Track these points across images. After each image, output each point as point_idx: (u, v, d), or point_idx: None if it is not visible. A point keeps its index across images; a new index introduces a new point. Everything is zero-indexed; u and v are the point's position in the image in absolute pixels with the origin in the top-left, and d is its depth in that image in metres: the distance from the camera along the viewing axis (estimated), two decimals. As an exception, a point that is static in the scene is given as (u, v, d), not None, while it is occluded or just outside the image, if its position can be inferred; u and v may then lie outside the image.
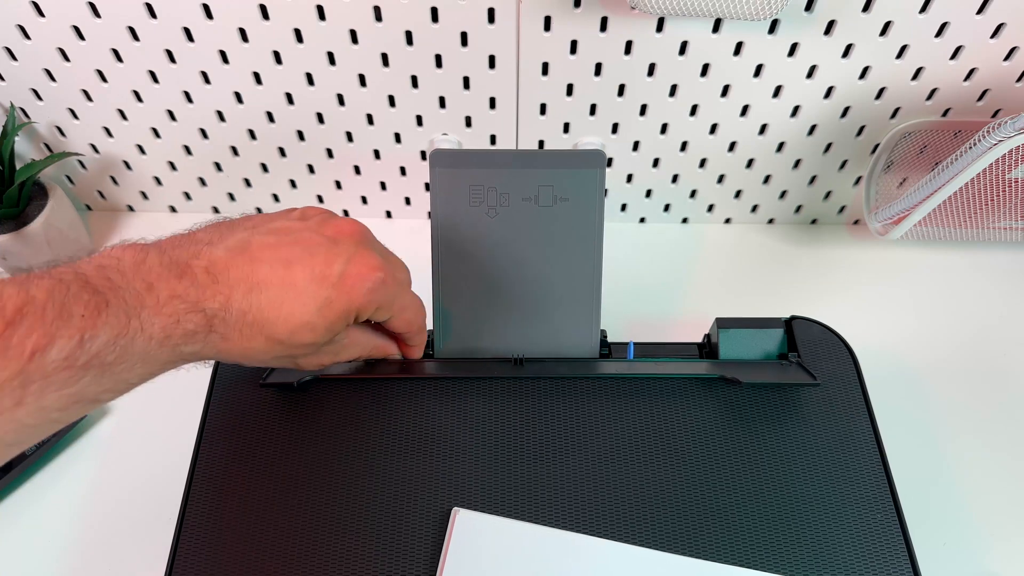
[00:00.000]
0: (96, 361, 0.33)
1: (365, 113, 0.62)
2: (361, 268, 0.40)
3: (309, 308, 0.38)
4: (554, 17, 0.54)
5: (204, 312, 0.36)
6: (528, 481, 0.46)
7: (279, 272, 0.38)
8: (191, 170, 0.68)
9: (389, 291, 0.42)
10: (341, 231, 0.41)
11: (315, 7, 0.54)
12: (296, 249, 0.39)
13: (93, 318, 0.32)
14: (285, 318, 0.38)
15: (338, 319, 0.40)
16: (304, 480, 0.45)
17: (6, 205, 0.61)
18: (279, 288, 0.38)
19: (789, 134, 0.63)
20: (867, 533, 0.44)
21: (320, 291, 0.39)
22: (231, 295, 0.37)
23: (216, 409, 0.48)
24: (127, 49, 0.58)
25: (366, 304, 0.40)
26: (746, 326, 0.51)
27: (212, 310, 0.37)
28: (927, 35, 0.55)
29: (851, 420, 0.48)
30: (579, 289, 0.50)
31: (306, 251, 0.39)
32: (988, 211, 0.60)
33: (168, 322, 0.35)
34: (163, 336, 0.35)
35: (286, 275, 0.38)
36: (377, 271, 0.40)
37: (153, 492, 0.53)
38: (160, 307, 0.35)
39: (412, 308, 0.45)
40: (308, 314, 0.39)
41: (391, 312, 0.43)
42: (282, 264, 0.38)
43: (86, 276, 0.34)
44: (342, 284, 0.39)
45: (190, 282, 0.36)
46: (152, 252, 0.36)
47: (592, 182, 0.49)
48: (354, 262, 0.40)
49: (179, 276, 0.36)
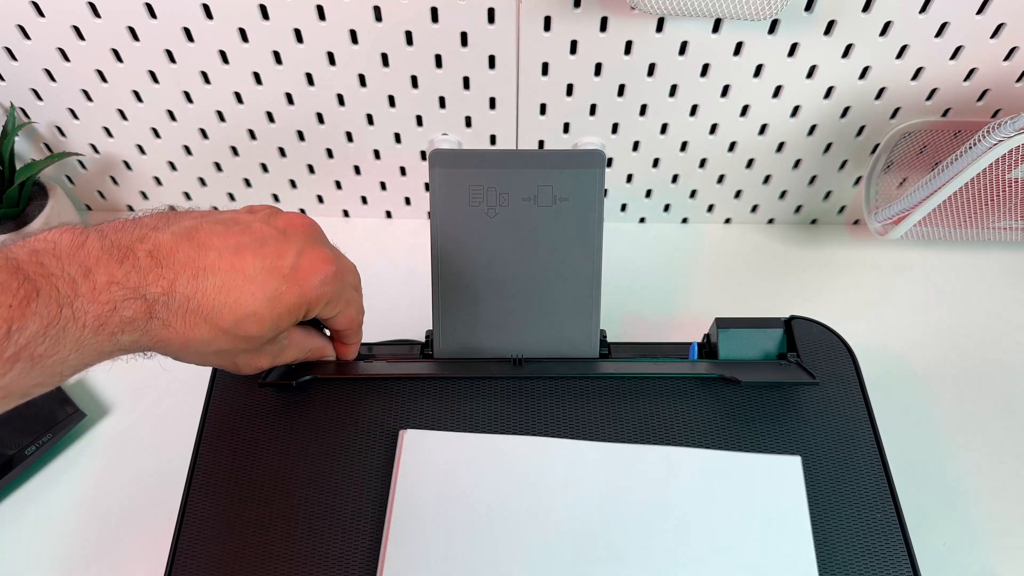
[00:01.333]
0: (25, 353, 0.31)
1: (365, 113, 0.62)
2: (313, 261, 0.39)
3: (258, 298, 0.37)
4: (554, 17, 0.54)
5: (144, 299, 0.35)
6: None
7: (228, 258, 0.37)
8: (191, 170, 0.68)
9: (339, 285, 0.41)
10: (291, 224, 0.40)
11: (315, 7, 0.54)
12: (245, 238, 0.38)
13: (21, 308, 0.30)
14: (232, 306, 0.37)
15: (287, 313, 0.39)
16: (304, 480, 0.45)
17: (6, 205, 0.61)
18: (227, 274, 0.37)
19: (789, 134, 0.63)
20: (867, 533, 0.44)
21: (270, 281, 0.38)
22: (176, 279, 0.36)
23: (216, 409, 0.48)
24: (127, 49, 0.58)
25: (317, 298, 0.40)
26: (745, 326, 0.51)
27: (154, 295, 0.35)
28: (927, 35, 0.55)
29: (851, 420, 0.48)
30: (579, 289, 0.50)
31: (256, 240, 0.38)
32: (988, 211, 0.60)
33: (104, 310, 0.33)
34: (97, 324, 0.33)
35: (235, 261, 0.37)
36: (329, 264, 0.40)
37: (153, 492, 0.53)
38: (96, 294, 0.33)
39: (355, 305, 0.44)
40: (257, 304, 0.37)
41: (338, 307, 0.42)
42: (231, 251, 0.37)
43: (17, 262, 0.32)
44: (293, 277, 0.38)
45: (131, 266, 0.34)
46: (92, 235, 0.35)
47: (592, 182, 0.49)
48: (305, 255, 0.39)
49: (120, 260, 0.34)
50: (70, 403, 0.57)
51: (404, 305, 0.56)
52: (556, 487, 0.44)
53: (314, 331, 0.46)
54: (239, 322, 0.37)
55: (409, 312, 0.56)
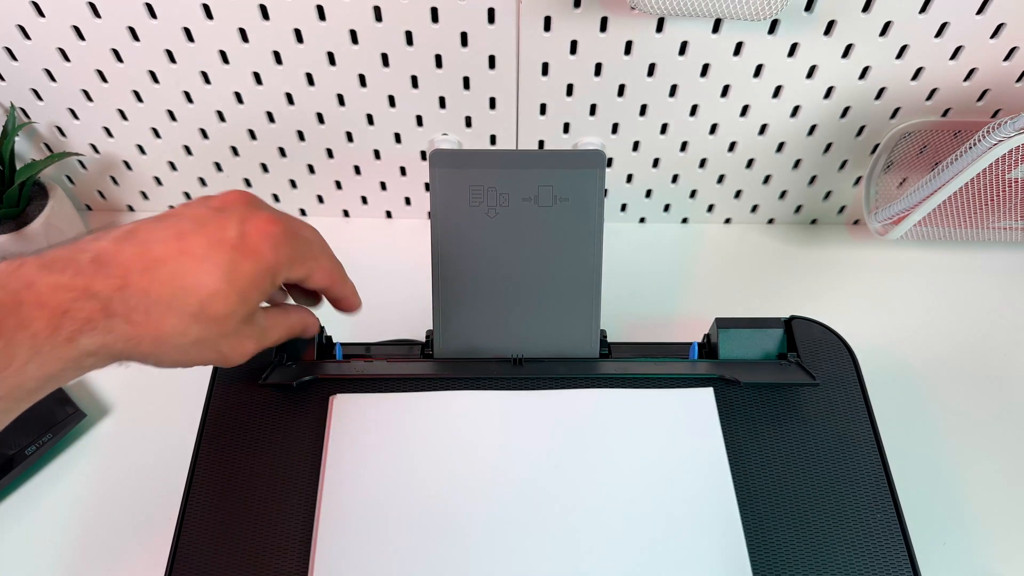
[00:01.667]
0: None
1: (365, 113, 0.62)
2: (257, 226, 0.38)
3: (215, 275, 0.36)
4: (554, 17, 0.54)
5: (96, 297, 0.34)
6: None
7: (173, 245, 0.36)
8: (191, 170, 0.68)
9: (295, 243, 0.40)
10: (226, 200, 0.39)
11: (315, 7, 0.54)
12: (184, 223, 0.37)
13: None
14: (192, 289, 0.36)
15: (250, 285, 0.38)
16: (304, 480, 0.45)
17: (6, 205, 0.61)
18: (177, 260, 0.36)
19: (789, 134, 0.63)
20: (867, 533, 0.44)
21: (221, 255, 0.37)
22: (127, 275, 0.35)
23: (216, 409, 0.48)
24: (127, 49, 0.58)
25: (276, 261, 0.38)
26: (746, 326, 0.51)
27: (106, 293, 0.34)
28: (927, 35, 0.55)
29: (851, 420, 0.48)
30: (579, 289, 0.50)
31: (195, 223, 0.37)
32: (988, 211, 0.60)
33: (53, 314, 0.32)
34: (51, 329, 0.32)
35: (181, 246, 0.36)
36: (274, 224, 0.39)
37: (153, 492, 0.53)
38: (42, 301, 0.32)
39: (325, 258, 0.43)
40: (216, 281, 0.36)
41: (306, 266, 0.41)
42: (174, 238, 0.36)
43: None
44: (243, 246, 0.37)
45: (74, 272, 0.34)
46: (29, 258, 0.34)
47: (592, 182, 0.49)
48: (248, 222, 0.38)
49: (61, 270, 0.33)
50: (70, 403, 0.57)
51: (404, 305, 0.56)
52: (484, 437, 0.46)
53: (290, 307, 0.45)
54: (204, 303, 0.36)
55: (409, 312, 0.56)
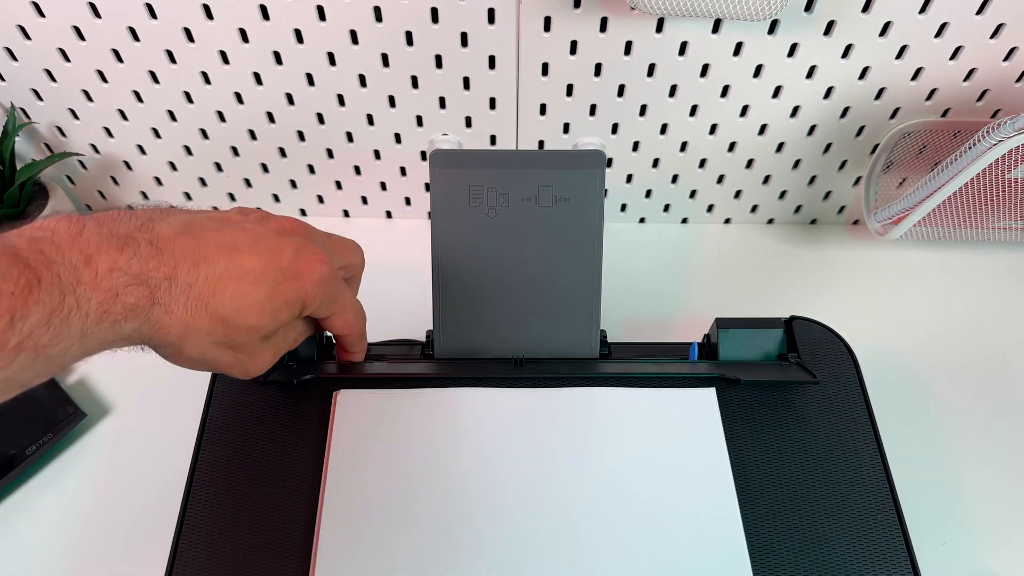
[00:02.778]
0: (29, 343, 0.30)
1: (365, 113, 0.62)
2: (310, 261, 0.40)
3: (259, 290, 0.38)
4: (554, 17, 0.54)
5: (147, 284, 0.34)
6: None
7: (226, 252, 0.37)
8: (192, 170, 0.68)
9: (335, 286, 0.42)
10: (284, 227, 0.41)
11: (315, 7, 0.54)
12: (242, 236, 0.38)
13: (24, 296, 0.30)
14: (232, 294, 0.37)
15: (285, 306, 0.39)
16: (304, 479, 0.45)
17: (6, 205, 0.61)
18: (227, 265, 0.37)
19: (789, 134, 0.63)
20: (867, 533, 0.44)
21: (268, 274, 0.38)
22: (177, 266, 0.35)
23: (216, 409, 0.48)
24: (127, 49, 0.58)
25: (313, 295, 0.40)
26: (746, 326, 0.51)
27: (156, 281, 0.34)
28: (927, 35, 0.55)
29: (851, 420, 0.48)
30: (579, 289, 0.50)
31: (252, 239, 0.38)
32: (988, 211, 0.60)
33: (106, 296, 0.33)
34: (101, 312, 0.33)
35: (233, 256, 0.37)
36: (325, 264, 0.40)
37: (153, 492, 0.53)
38: (98, 281, 0.32)
39: (352, 309, 0.45)
40: (258, 295, 0.37)
41: (333, 308, 0.43)
42: (228, 247, 0.37)
43: (16, 249, 0.31)
44: (292, 273, 0.39)
45: (132, 253, 0.34)
46: (89, 224, 0.34)
47: (592, 182, 0.49)
48: (301, 254, 0.40)
49: (120, 248, 0.34)
50: (70, 403, 0.57)
51: (404, 305, 0.56)
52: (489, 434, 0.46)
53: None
54: (240, 311, 0.37)
55: (409, 312, 0.56)
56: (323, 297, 0.41)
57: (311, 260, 0.40)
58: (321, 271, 0.40)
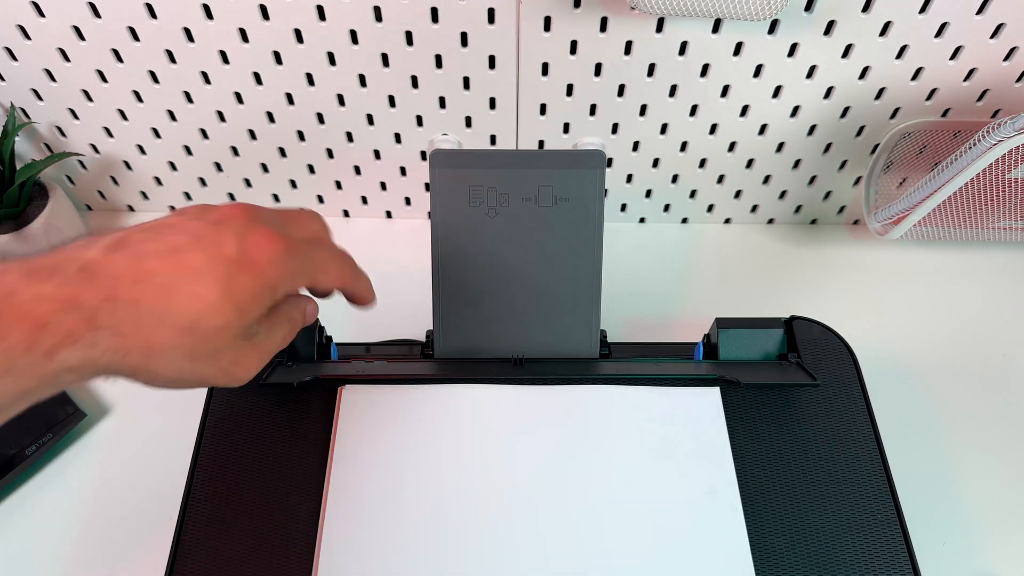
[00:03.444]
0: None
1: (365, 113, 0.62)
2: (258, 242, 0.36)
3: (212, 288, 0.34)
4: (554, 17, 0.54)
5: (81, 309, 0.32)
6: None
7: (167, 259, 0.34)
8: (192, 170, 0.68)
9: (296, 257, 0.38)
10: (224, 214, 0.37)
11: (315, 7, 0.54)
12: (180, 237, 0.35)
13: None
14: (186, 300, 0.34)
15: (250, 299, 0.36)
16: (304, 480, 0.45)
17: (6, 205, 0.61)
18: (171, 273, 0.34)
19: (789, 134, 0.63)
20: (867, 533, 0.44)
21: (218, 268, 0.35)
22: (116, 287, 0.33)
23: (216, 409, 0.48)
24: (127, 49, 0.58)
25: (276, 277, 0.37)
26: (746, 326, 0.51)
27: (93, 304, 0.32)
28: (927, 35, 0.55)
29: (851, 420, 0.48)
30: (579, 289, 0.50)
31: (192, 236, 0.35)
32: (988, 211, 0.60)
33: (32, 326, 0.30)
34: (27, 344, 0.30)
35: (176, 260, 0.34)
36: (275, 242, 0.37)
37: (153, 492, 0.53)
38: (20, 314, 0.30)
39: (332, 262, 0.41)
40: (212, 294, 0.34)
41: (310, 277, 0.39)
42: (168, 253, 0.34)
43: None
44: (243, 261, 0.35)
45: (60, 281, 0.32)
46: (12, 264, 0.32)
47: (592, 182, 0.49)
48: (248, 238, 0.36)
49: (45, 279, 0.32)
50: (70, 403, 0.57)
51: (404, 305, 0.56)
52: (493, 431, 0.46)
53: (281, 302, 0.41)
54: (199, 317, 0.34)
55: (409, 312, 0.56)
56: (290, 273, 0.37)
57: (259, 241, 0.36)
58: (273, 249, 0.36)
